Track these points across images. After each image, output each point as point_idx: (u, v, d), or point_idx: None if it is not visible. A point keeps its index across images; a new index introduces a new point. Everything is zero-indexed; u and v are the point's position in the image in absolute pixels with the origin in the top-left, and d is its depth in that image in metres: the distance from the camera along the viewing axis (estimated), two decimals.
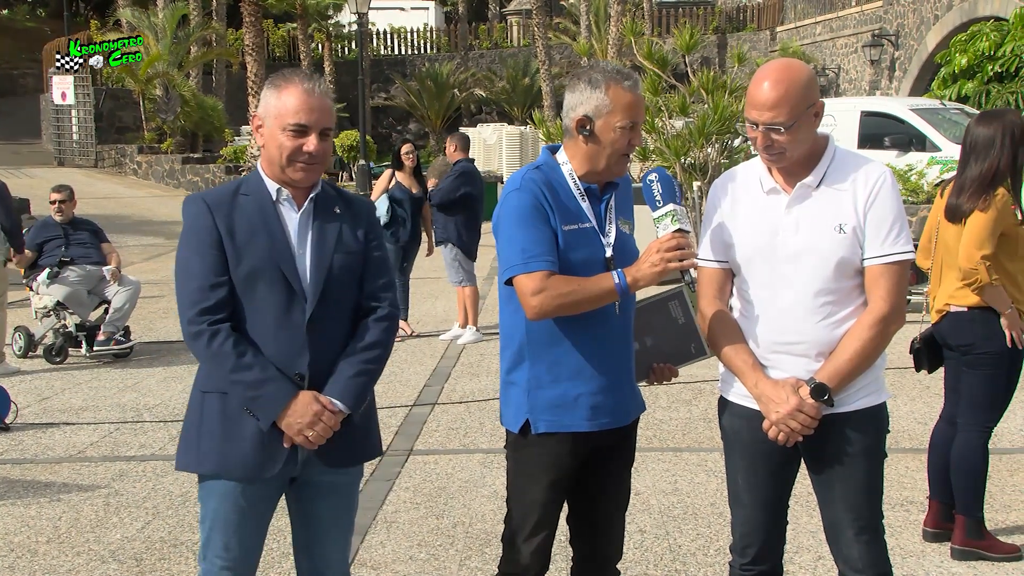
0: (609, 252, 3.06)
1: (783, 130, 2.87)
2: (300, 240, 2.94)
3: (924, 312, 4.86)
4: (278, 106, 2.89)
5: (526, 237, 2.98)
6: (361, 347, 2.97)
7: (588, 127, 3.02)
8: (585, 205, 3.06)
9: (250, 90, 23.62)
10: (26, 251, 9.07)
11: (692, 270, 3.00)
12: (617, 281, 2.93)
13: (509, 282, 3.01)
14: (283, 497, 3.10)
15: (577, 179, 3.07)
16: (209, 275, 2.86)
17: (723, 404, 3.22)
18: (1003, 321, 4.43)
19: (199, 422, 2.95)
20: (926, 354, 4.76)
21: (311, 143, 2.89)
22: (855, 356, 2.91)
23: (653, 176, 2.97)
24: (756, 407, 3.02)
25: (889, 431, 3.14)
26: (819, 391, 2.91)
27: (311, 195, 2.97)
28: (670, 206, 2.92)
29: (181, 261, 2.93)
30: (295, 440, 2.88)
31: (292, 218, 2.95)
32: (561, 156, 3.12)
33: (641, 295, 3.15)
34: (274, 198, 2.95)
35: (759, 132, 2.91)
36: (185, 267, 2.91)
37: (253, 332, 2.89)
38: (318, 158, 2.92)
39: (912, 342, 4.81)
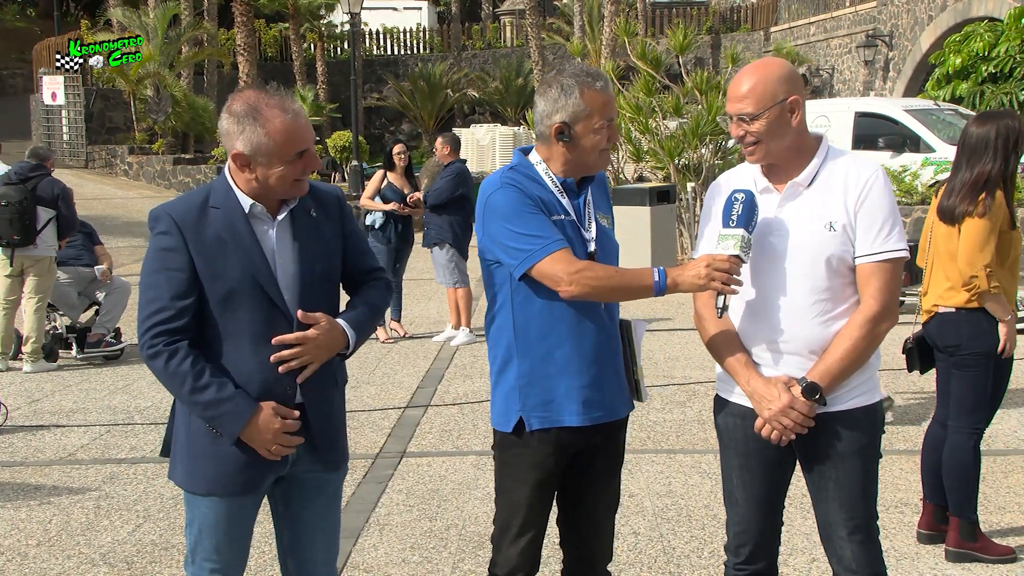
0: (592, 247, 3.07)
1: (748, 120, 2.94)
2: (280, 250, 2.89)
3: (917, 313, 4.85)
4: (269, 144, 2.79)
5: (530, 225, 2.99)
6: (368, 300, 3.04)
7: (567, 133, 3.04)
8: (565, 200, 3.09)
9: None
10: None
11: (728, 300, 2.96)
12: (656, 279, 2.95)
13: (524, 276, 3.00)
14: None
15: (553, 176, 3.10)
16: (173, 297, 2.80)
17: (719, 402, 3.23)
18: (1000, 328, 4.42)
19: (189, 440, 2.91)
20: (918, 355, 4.75)
21: (311, 161, 2.87)
22: (847, 355, 2.93)
23: (740, 195, 2.93)
24: (752, 405, 3.03)
25: (884, 431, 3.13)
26: (811, 390, 2.93)
27: (287, 206, 2.92)
28: (741, 231, 2.88)
29: (145, 277, 2.86)
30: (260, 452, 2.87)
31: (267, 230, 2.89)
32: (534, 157, 3.15)
33: None
34: (246, 211, 2.87)
35: (733, 123, 2.99)
36: (149, 285, 2.84)
37: (234, 350, 2.84)
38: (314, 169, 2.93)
39: (905, 342, 4.80)
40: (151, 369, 2.87)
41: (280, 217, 2.90)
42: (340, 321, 2.92)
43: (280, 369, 2.84)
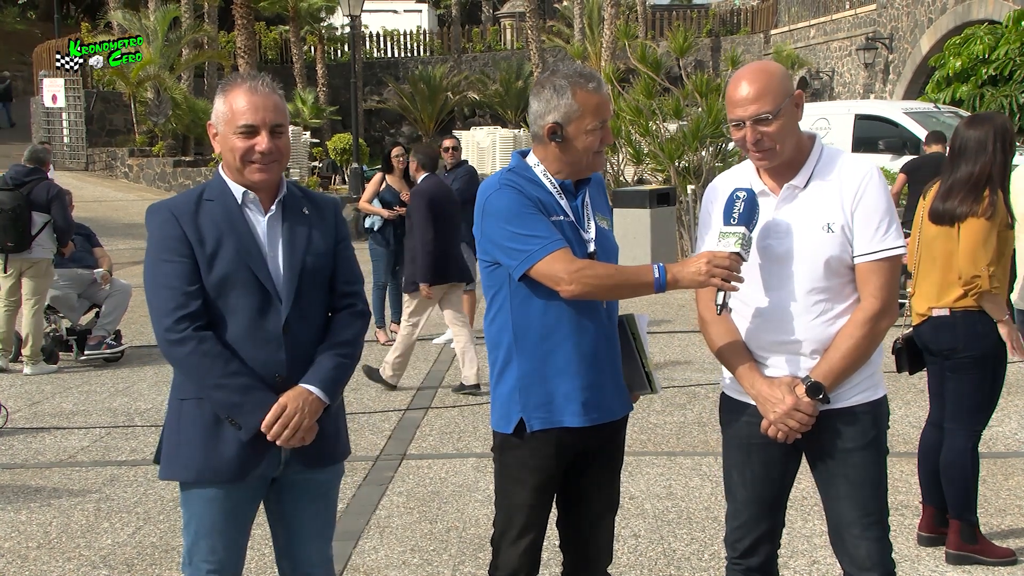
0: (591, 247, 3.07)
1: (771, 118, 2.92)
2: (270, 243, 2.93)
3: (907, 315, 4.84)
4: (226, 111, 2.90)
5: (528, 226, 2.99)
6: (339, 341, 2.99)
7: (559, 133, 3.04)
8: (563, 201, 3.09)
9: None
10: (70, 243, 9.15)
11: (728, 297, 2.96)
12: (656, 276, 2.94)
13: (524, 276, 3.00)
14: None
15: (551, 177, 3.10)
16: (184, 282, 2.84)
17: (723, 399, 3.25)
18: (1001, 329, 4.42)
19: (178, 430, 2.93)
20: (907, 355, 4.74)
21: (262, 142, 2.88)
22: (848, 354, 2.95)
23: (742, 194, 2.94)
24: (754, 402, 3.05)
25: (889, 427, 3.14)
26: (814, 389, 2.94)
27: (278, 197, 2.97)
28: (742, 229, 2.89)
29: (151, 270, 2.89)
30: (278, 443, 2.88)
31: (260, 221, 2.94)
32: (532, 159, 3.15)
33: None
34: (240, 201, 2.93)
35: (747, 128, 2.95)
36: (157, 276, 2.87)
37: (228, 337, 2.87)
38: (273, 156, 2.91)
39: (894, 343, 4.79)
40: (174, 356, 2.87)
41: (271, 211, 2.95)
42: (306, 387, 2.89)
43: (278, 442, 2.86)
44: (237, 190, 2.93)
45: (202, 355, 2.81)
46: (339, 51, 38.19)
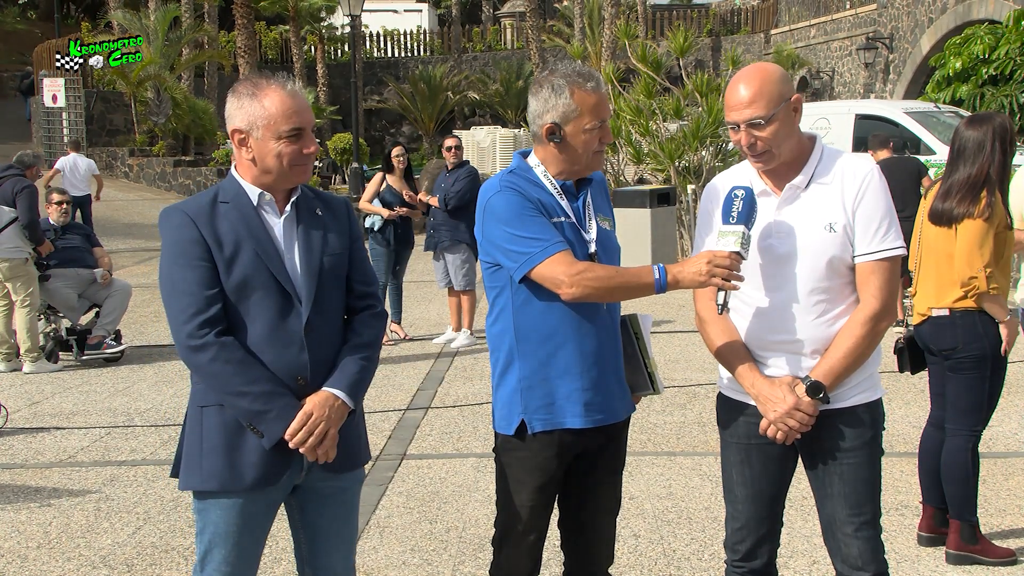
0: (592, 248, 3.08)
1: (764, 123, 2.92)
2: (287, 244, 2.91)
3: (908, 313, 4.85)
4: (265, 115, 2.82)
5: (529, 228, 2.99)
6: (361, 343, 2.97)
7: (558, 133, 3.04)
8: (564, 202, 3.09)
9: None
10: (46, 241, 9.12)
11: (728, 296, 2.95)
12: (657, 277, 2.94)
13: (524, 278, 3.00)
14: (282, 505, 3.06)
15: (552, 178, 3.10)
16: (203, 287, 2.79)
17: (720, 399, 3.25)
18: (1001, 330, 4.43)
19: (200, 439, 2.87)
20: (908, 355, 4.74)
21: (310, 144, 2.89)
22: (848, 353, 2.95)
23: (740, 192, 2.93)
24: (752, 402, 3.05)
25: (885, 428, 3.14)
26: (815, 389, 2.95)
27: (292, 198, 2.94)
28: (741, 228, 2.88)
29: (169, 275, 2.85)
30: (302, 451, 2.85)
31: (276, 223, 2.92)
32: (532, 159, 3.15)
33: None
34: (255, 203, 2.90)
35: (741, 132, 2.95)
36: (176, 281, 2.83)
37: (249, 342, 2.84)
38: (313, 156, 2.93)
39: (896, 343, 4.79)
40: (194, 363, 2.82)
41: (287, 212, 2.93)
42: (332, 392, 2.88)
43: (301, 451, 2.84)
44: (253, 192, 2.89)
45: (224, 361, 2.77)
46: (339, 51, 38.19)
